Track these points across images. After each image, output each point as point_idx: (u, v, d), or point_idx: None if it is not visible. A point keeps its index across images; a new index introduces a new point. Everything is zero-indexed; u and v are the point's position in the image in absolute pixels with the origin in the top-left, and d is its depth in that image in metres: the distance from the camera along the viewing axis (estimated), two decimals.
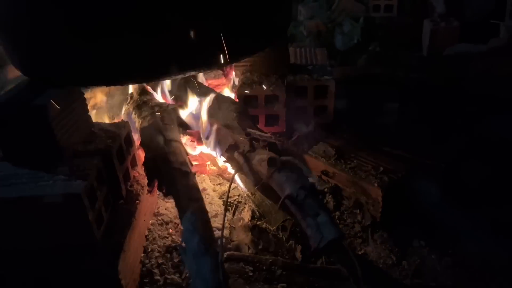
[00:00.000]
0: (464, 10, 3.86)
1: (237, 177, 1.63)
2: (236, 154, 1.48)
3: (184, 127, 1.75)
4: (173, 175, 1.37)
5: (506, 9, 3.62)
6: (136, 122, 1.70)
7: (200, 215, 1.21)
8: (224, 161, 1.55)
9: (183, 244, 1.13)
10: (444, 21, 3.52)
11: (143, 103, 1.76)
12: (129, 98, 1.86)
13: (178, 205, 1.33)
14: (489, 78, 2.73)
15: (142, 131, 1.62)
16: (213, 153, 1.65)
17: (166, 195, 1.46)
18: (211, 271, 1.05)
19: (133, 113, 1.73)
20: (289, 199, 1.19)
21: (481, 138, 2.07)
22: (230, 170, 1.73)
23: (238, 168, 1.45)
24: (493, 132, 2.13)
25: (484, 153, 1.94)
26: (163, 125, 1.60)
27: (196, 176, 1.42)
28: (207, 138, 1.64)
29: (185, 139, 1.69)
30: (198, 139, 1.69)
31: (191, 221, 1.17)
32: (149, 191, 1.53)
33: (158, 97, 1.88)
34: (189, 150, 1.69)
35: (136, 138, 1.66)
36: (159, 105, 1.75)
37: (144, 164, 1.54)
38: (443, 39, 3.46)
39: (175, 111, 1.71)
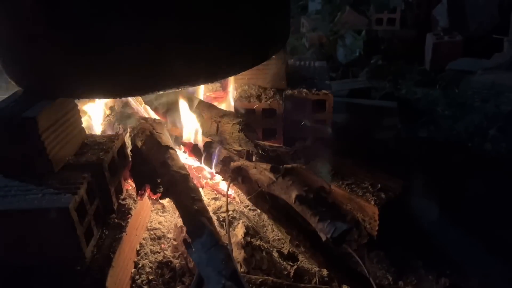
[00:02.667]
0: (467, 24, 3.85)
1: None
2: (232, 165, 1.47)
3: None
4: (173, 177, 1.38)
5: (510, 24, 3.60)
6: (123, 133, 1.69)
7: (205, 213, 1.25)
8: (216, 173, 1.54)
9: (188, 239, 1.17)
10: (447, 35, 3.51)
11: (127, 115, 1.75)
12: (109, 110, 1.85)
13: (179, 205, 1.33)
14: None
15: (133, 139, 1.61)
16: (205, 166, 1.64)
17: (162, 197, 1.45)
18: (224, 260, 1.07)
19: (116, 123, 1.72)
20: (298, 199, 1.21)
21: (480, 154, 2.05)
22: (222, 183, 1.73)
23: (232, 179, 1.43)
24: (492, 148, 2.11)
25: (483, 170, 1.91)
26: (156, 133, 1.59)
27: None
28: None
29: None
30: (190, 150, 1.68)
31: (198, 216, 1.21)
32: (140, 195, 1.51)
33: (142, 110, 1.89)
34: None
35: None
36: (145, 118, 1.74)
37: (131, 170, 1.53)
38: (446, 53, 3.45)
39: (162, 124, 1.70)
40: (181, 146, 1.72)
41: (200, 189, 1.76)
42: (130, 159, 1.57)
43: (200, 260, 1.12)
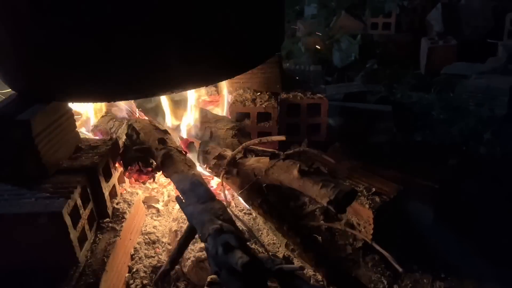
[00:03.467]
0: (462, 29, 3.87)
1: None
2: (228, 156, 1.49)
3: None
4: (170, 150, 1.48)
5: (505, 28, 3.62)
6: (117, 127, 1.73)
7: (200, 177, 1.33)
8: (209, 168, 1.55)
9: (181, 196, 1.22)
10: (442, 40, 3.52)
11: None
12: (105, 111, 1.87)
13: (174, 172, 1.40)
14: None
15: (130, 125, 1.67)
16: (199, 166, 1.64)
17: (156, 170, 1.54)
18: (221, 209, 1.12)
19: (111, 120, 1.74)
20: (300, 172, 1.21)
21: (474, 158, 2.05)
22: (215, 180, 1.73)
23: (226, 172, 1.44)
24: (487, 152, 2.11)
25: (477, 174, 1.92)
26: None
27: None
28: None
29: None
30: (186, 146, 1.69)
31: (194, 177, 1.28)
32: (130, 172, 1.55)
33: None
34: None
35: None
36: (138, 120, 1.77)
37: (121, 153, 1.59)
38: (441, 57, 3.46)
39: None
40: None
41: None
42: (123, 142, 1.63)
43: (195, 210, 1.13)
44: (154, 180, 1.59)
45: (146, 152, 1.56)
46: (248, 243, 1.48)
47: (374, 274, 1.45)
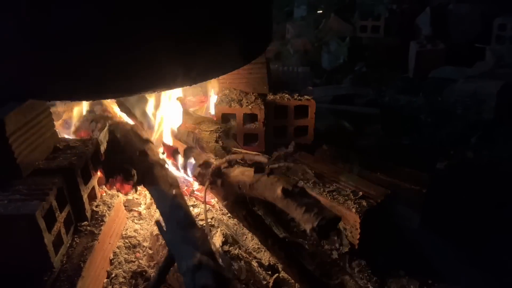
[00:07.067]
0: (450, 33, 3.88)
1: None
2: (212, 166, 1.44)
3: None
4: (151, 165, 1.39)
5: (492, 33, 3.64)
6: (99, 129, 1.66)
7: (182, 198, 1.24)
8: (194, 177, 1.49)
9: (161, 221, 1.15)
10: (430, 43, 3.53)
11: (105, 117, 1.71)
12: (87, 112, 1.82)
13: (154, 190, 1.33)
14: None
15: (112, 130, 1.59)
16: (183, 173, 1.59)
17: (137, 184, 1.45)
18: (201, 238, 1.05)
19: (93, 122, 1.69)
20: (283, 192, 1.16)
21: (462, 161, 2.04)
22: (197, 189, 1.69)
23: (211, 182, 1.39)
24: (474, 155, 2.11)
25: (465, 177, 1.91)
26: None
27: None
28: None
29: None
30: (170, 154, 1.63)
31: (175, 199, 1.21)
32: (110, 184, 1.47)
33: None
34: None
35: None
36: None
37: (104, 160, 1.51)
38: (429, 61, 3.47)
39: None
40: (161, 147, 1.67)
41: None
42: (105, 148, 1.55)
43: (174, 238, 1.08)
44: (136, 191, 1.53)
45: (127, 163, 1.48)
46: (232, 248, 1.45)
47: (360, 279, 1.42)
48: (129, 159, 1.47)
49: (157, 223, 1.16)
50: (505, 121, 2.54)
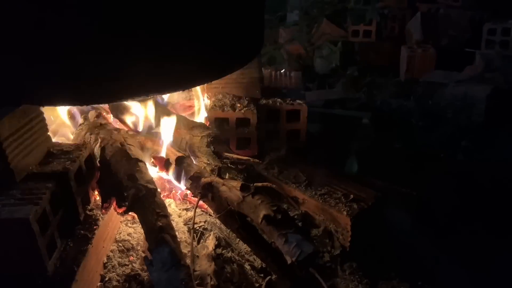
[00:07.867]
0: (440, 38, 3.93)
1: None
2: (202, 181, 1.44)
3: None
4: (139, 191, 1.34)
5: (482, 37, 3.69)
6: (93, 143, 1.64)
7: (169, 230, 1.21)
8: (187, 189, 1.50)
9: (149, 256, 1.13)
10: (421, 48, 3.57)
11: (100, 125, 1.70)
12: (83, 119, 1.81)
13: (143, 221, 1.29)
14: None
15: (102, 149, 1.56)
16: (176, 182, 1.60)
17: (127, 211, 1.41)
18: (184, 281, 1.05)
19: (88, 133, 1.67)
20: (265, 218, 1.19)
21: (452, 164, 2.07)
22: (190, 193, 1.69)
23: (202, 195, 1.40)
24: (464, 159, 2.13)
25: (455, 180, 1.93)
26: (127, 145, 1.55)
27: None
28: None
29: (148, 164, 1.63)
30: (162, 165, 1.63)
31: (161, 234, 1.18)
32: (105, 208, 1.46)
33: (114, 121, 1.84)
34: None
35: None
36: (117, 129, 1.70)
37: (99, 181, 1.49)
38: (420, 65, 3.51)
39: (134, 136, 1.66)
40: (152, 160, 1.67)
41: (172, 200, 1.72)
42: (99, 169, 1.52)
43: (159, 280, 1.09)
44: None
45: (118, 186, 1.44)
46: (224, 251, 1.46)
47: (351, 282, 1.43)
48: (119, 183, 1.44)
49: (145, 258, 1.17)
50: (494, 125, 2.58)
